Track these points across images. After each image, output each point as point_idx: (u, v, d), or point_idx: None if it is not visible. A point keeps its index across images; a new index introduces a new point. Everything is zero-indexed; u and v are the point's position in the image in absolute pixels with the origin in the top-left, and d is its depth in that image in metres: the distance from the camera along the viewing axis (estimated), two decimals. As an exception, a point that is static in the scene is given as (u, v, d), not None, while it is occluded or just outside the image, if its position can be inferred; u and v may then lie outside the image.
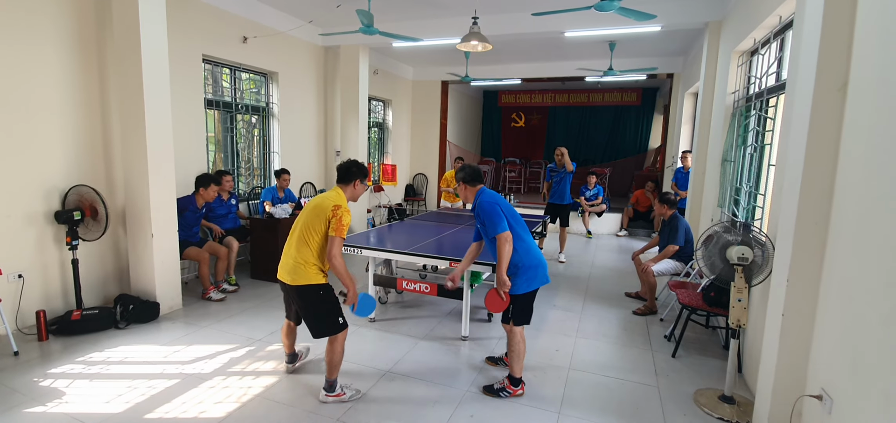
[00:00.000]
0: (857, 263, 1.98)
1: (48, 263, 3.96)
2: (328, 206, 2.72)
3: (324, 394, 2.88)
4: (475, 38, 4.86)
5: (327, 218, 2.71)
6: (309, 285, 2.75)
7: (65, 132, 4.01)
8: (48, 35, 3.85)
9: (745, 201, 4.07)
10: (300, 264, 2.75)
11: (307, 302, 2.80)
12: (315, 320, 2.82)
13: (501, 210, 2.87)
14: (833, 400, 2.07)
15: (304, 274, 2.74)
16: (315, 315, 2.82)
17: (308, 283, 2.75)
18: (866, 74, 2.02)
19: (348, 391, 2.93)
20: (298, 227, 2.80)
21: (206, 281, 4.66)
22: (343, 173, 2.88)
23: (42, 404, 2.78)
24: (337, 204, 2.72)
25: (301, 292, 2.77)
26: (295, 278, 2.76)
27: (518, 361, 3.01)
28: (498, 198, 2.97)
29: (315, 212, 2.75)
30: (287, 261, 2.81)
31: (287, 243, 2.86)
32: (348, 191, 2.88)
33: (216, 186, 4.84)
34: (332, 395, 2.88)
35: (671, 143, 9.09)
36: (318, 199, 2.81)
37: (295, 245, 2.78)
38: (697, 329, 4.14)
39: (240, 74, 6.18)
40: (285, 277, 2.81)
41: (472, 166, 3.10)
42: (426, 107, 10.83)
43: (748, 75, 4.49)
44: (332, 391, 2.88)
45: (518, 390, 3.03)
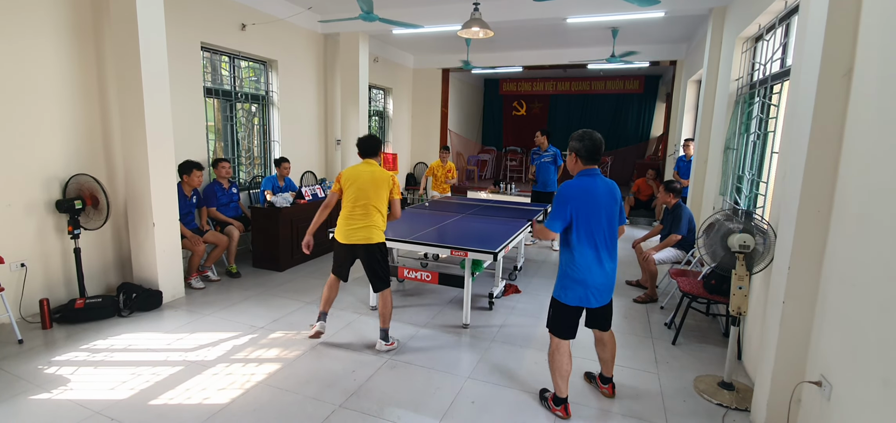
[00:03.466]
0: (859, 250, 1.97)
1: (50, 252, 3.97)
2: (386, 177, 3.35)
3: (382, 344, 3.43)
4: (476, 25, 4.82)
5: (390, 187, 3.37)
6: (381, 243, 3.38)
7: (64, 121, 4.00)
8: (46, 23, 3.82)
9: (747, 189, 4.05)
10: (374, 227, 3.32)
11: (379, 258, 3.37)
12: (380, 272, 3.38)
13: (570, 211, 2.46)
14: (832, 386, 2.08)
15: (378, 235, 3.35)
16: (381, 269, 3.38)
17: (381, 241, 3.38)
18: (872, 60, 2.00)
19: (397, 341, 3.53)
20: (361, 199, 3.29)
21: (194, 268, 4.68)
22: (371, 148, 3.41)
23: (47, 391, 2.80)
24: (392, 174, 3.40)
25: (374, 249, 3.34)
26: (370, 237, 3.31)
27: (554, 374, 2.66)
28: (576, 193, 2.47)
29: (376, 185, 3.32)
30: (359, 227, 3.30)
31: (349, 214, 3.32)
32: (378, 160, 3.44)
33: (199, 172, 4.82)
34: (389, 344, 3.43)
35: (673, 131, 9.05)
36: (366, 174, 3.32)
37: (363, 214, 3.30)
38: (698, 317, 4.15)
39: (239, 62, 6.14)
40: (360, 239, 3.30)
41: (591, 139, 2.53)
42: (427, 95, 10.77)
43: (752, 62, 4.45)
44: (388, 341, 3.43)
45: (558, 410, 2.67)
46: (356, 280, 5.05)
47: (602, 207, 2.49)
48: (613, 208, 2.56)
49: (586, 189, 2.49)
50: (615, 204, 2.57)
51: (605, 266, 2.53)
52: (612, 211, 2.54)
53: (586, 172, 2.54)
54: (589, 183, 2.51)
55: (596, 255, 2.49)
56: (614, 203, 2.56)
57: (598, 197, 2.49)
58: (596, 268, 2.50)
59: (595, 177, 2.53)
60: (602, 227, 2.49)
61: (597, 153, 2.53)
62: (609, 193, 2.55)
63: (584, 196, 2.47)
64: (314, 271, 5.39)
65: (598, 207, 2.48)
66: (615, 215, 2.58)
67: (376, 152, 3.43)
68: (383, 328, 3.44)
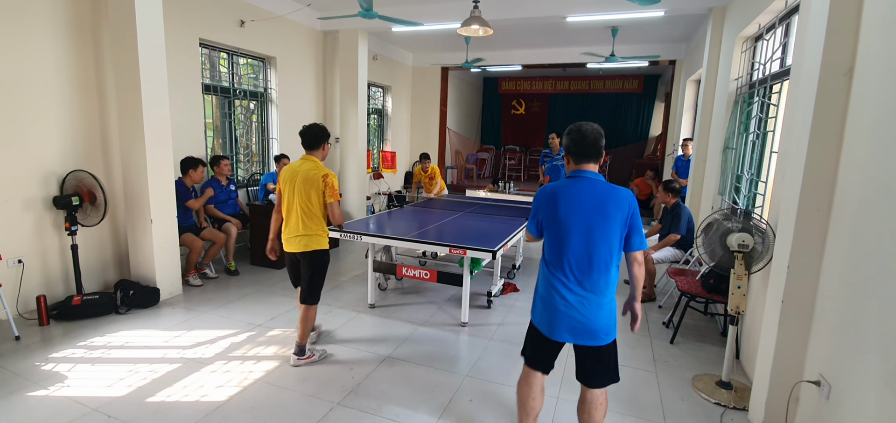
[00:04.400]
0: (858, 250, 1.97)
1: (48, 248, 3.95)
2: (317, 177, 2.96)
3: (294, 359, 3.13)
4: (476, 23, 4.80)
5: (320, 189, 2.97)
6: (319, 250, 3.06)
7: (61, 118, 3.98)
8: (44, 19, 3.80)
9: (746, 189, 4.05)
10: (312, 236, 3.02)
11: (314, 267, 3.07)
12: (311, 283, 3.09)
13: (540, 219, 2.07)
14: (831, 386, 2.08)
15: (316, 241, 3.04)
16: (313, 279, 3.08)
17: (319, 248, 3.06)
18: (873, 59, 2.00)
19: (317, 352, 3.24)
20: (296, 201, 2.99)
21: (191, 265, 4.67)
22: (312, 139, 3.03)
23: (44, 388, 2.79)
24: (324, 174, 2.98)
25: (312, 256, 3.05)
26: (308, 245, 3.02)
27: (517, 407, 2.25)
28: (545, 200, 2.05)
29: (307, 185, 2.97)
30: (297, 234, 3.02)
31: (286, 220, 3.07)
32: (319, 154, 3.07)
33: (203, 167, 4.85)
34: (304, 358, 3.15)
35: (672, 130, 9.05)
36: (300, 173, 2.98)
37: (300, 220, 3.00)
38: (696, 316, 4.16)
39: (237, 58, 6.12)
40: (298, 247, 3.03)
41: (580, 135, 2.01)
42: (426, 93, 10.76)
43: (752, 61, 4.45)
44: (303, 355, 3.15)
45: None
46: (355, 278, 5.04)
47: (580, 217, 1.93)
48: (605, 223, 1.92)
49: (559, 195, 1.98)
50: (608, 220, 1.92)
51: (581, 295, 1.96)
52: (600, 225, 1.92)
53: (574, 173, 2.02)
54: (567, 188, 1.98)
55: (563, 279, 1.98)
56: (605, 216, 1.92)
57: (577, 205, 1.94)
58: (564, 293, 1.98)
59: (580, 180, 1.98)
60: (574, 245, 1.94)
61: (589, 149, 1.98)
62: (598, 204, 1.93)
63: (552, 205, 2.00)
64: (312, 268, 5.38)
65: (575, 217, 1.93)
66: (609, 232, 1.93)
67: (317, 145, 3.02)
68: (299, 343, 3.12)
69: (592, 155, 2.00)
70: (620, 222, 1.94)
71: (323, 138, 3.05)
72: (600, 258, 1.94)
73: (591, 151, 1.99)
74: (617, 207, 1.93)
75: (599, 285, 1.96)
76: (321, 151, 3.07)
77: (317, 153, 3.05)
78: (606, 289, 1.98)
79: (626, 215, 1.94)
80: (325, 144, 3.08)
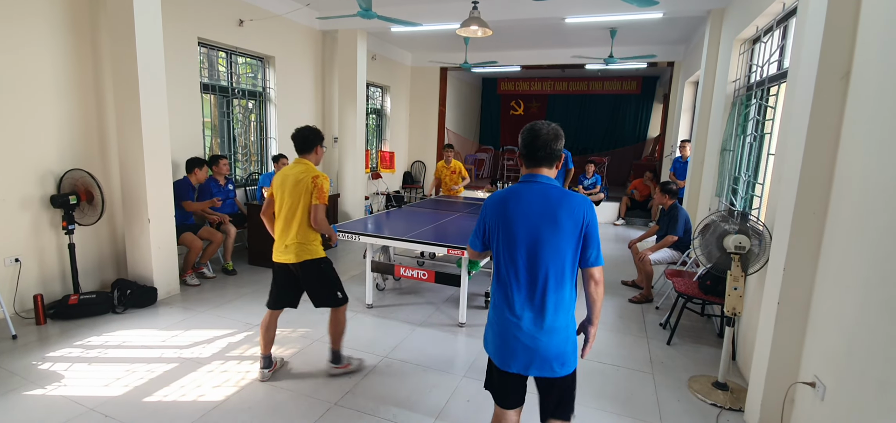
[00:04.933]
0: (854, 252, 1.98)
1: (45, 247, 3.94)
2: (307, 179, 2.76)
3: (331, 366, 3.05)
4: (475, 23, 4.81)
5: (310, 190, 2.76)
6: (312, 259, 2.85)
7: (59, 116, 3.97)
8: (42, 17, 3.79)
9: (743, 191, 4.07)
10: (303, 243, 2.82)
11: (312, 276, 2.89)
12: (319, 290, 2.92)
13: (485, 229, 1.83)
14: (826, 387, 2.09)
15: (308, 250, 2.83)
16: (318, 289, 2.91)
17: (311, 257, 2.85)
18: (870, 63, 2.01)
19: (354, 362, 3.12)
20: (285, 206, 2.81)
21: (190, 264, 4.67)
22: (303, 143, 2.84)
23: (41, 387, 2.79)
24: (314, 175, 2.78)
25: (305, 267, 2.85)
26: (299, 255, 2.82)
27: None
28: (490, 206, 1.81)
29: (297, 189, 2.77)
30: (287, 243, 2.82)
31: (278, 227, 2.87)
32: (312, 158, 2.88)
33: (206, 167, 4.87)
34: (340, 367, 3.05)
35: (670, 132, 9.07)
36: (291, 176, 2.80)
37: (288, 225, 2.81)
38: (693, 317, 4.17)
39: (236, 58, 6.11)
40: (289, 257, 2.82)
41: None
42: (425, 93, 10.76)
43: (750, 64, 4.46)
44: (339, 363, 3.05)
45: None
46: (353, 278, 5.04)
47: (527, 228, 1.69)
48: (555, 234, 1.66)
49: (505, 202, 1.74)
50: (559, 230, 1.66)
51: (530, 317, 1.71)
52: (550, 236, 1.67)
53: (526, 177, 1.77)
54: (516, 194, 1.74)
55: (509, 300, 1.73)
56: (555, 226, 1.66)
57: (524, 214, 1.70)
58: (509, 317, 1.73)
59: (531, 185, 1.74)
60: (521, 258, 1.70)
61: (541, 151, 1.72)
62: (549, 212, 1.67)
63: (500, 211, 1.75)
64: (310, 268, 5.37)
65: (521, 227, 1.70)
66: (561, 244, 1.67)
67: (309, 148, 2.84)
68: (333, 349, 3.03)
69: (546, 159, 1.74)
70: (574, 232, 1.67)
71: (315, 141, 2.85)
72: (550, 274, 1.68)
73: (544, 154, 1.73)
74: (569, 215, 1.67)
75: (549, 306, 1.69)
76: (314, 154, 2.87)
77: (310, 157, 2.86)
78: (559, 310, 1.70)
79: (580, 226, 1.67)
80: (317, 147, 2.88)
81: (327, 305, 2.93)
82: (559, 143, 1.74)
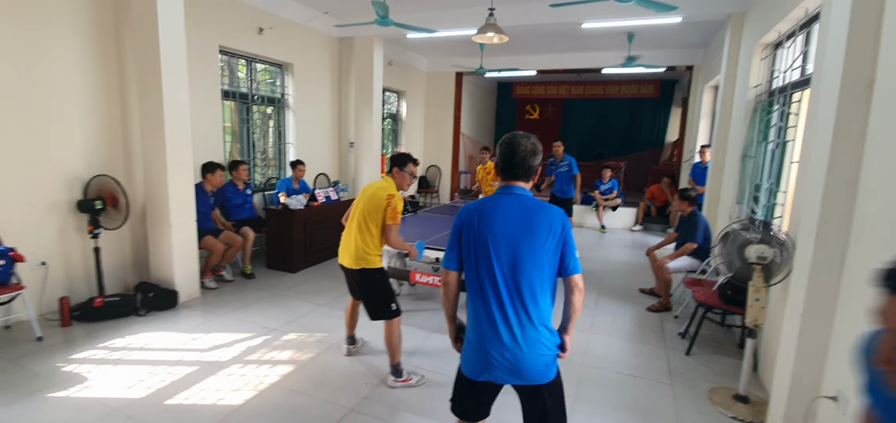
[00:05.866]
0: (879, 263, 1.93)
1: (70, 251, 4.06)
2: (382, 195, 2.93)
3: (392, 379, 3.06)
4: (491, 30, 4.82)
5: (383, 207, 2.92)
6: (368, 268, 2.98)
7: (86, 123, 4.10)
8: (68, 26, 3.92)
9: (764, 199, 3.99)
10: (361, 250, 2.96)
11: (366, 285, 3.02)
12: (372, 302, 3.03)
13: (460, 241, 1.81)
14: (849, 402, 2.03)
15: (365, 259, 2.96)
16: (372, 298, 3.03)
17: (368, 267, 2.97)
18: (893, 71, 1.96)
19: (415, 377, 3.11)
20: (356, 215, 2.99)
21: (209, 268, 4.76)
22: (397, 158, 3.07)
23: (65, 388, 2.86)
24: (390, 194, 2.94)
25: (361, 275, 2.99)
26: (357, 262, 2.97)
27: None
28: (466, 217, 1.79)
29: (372, 202, 2.95)
30: (349, 247, 3.00)
31: (347, 230, 3.06)
32: (398, 178, 3.06)
33: (222, 171, 4.95)
34: (401, 380, 3.05)
35: (689, 137, 8.93)
36: (372, 188, 3.01)
37: (355, 232, 2.97)
38: (712, 327, 4.09)
39: (256, 65, 6.23)
40: (347, 261, 3.01)
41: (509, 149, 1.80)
42: (440, 98, 10.79)
43: (771, 69, 4.38)
44: (400, 377, 3.05)
45: None
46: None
47: (505, 238, 1.70)
48: (532, 244, 1.69)
49: (483, 213, 1.75)
50: (536, 239, 1.69)
51: (510, 327, 1.70)
52: (528, 246, 1.69)
53: (503, 189, 1.80)
54: (491, 204, 1.76)
55: (488, 310, 1.73)
56: (532, 236, 1.69)
57: (501, 224, 1.72)
58: (489, 327, 1.73)
59: (505, 196, 1.77)
60: (501, 267, 1.70)
61: (518, 167, 1.76)
62: (525, 222, 1.71)
63: (478, 220, 1.75)
64: (326, 273, 5.43)
65: (499, 237, 1.71)
66: (539, 254, 1.69)
67: (400, 164, 3.05)
68: (392, 363, 3.06)
69: (522, 173, 1.77)
70: (551, 242, 1.70)
71: (407, 159, 3.06)
72: (530, 282, 1.70)
73: (521, 170, 1.77)
74: (546, 225, 1.70)
75: (531, 316, 1.71)
76: (404, 171, 3.04)
77: (398, 175, 3.05)
78: (540, 319, 1.72)
79: (557, 235, 1.71)
80: (410, 164, 3.06)
81: (381, 317, 3.00)
82: (536, 158, 1.79)
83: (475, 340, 1.78)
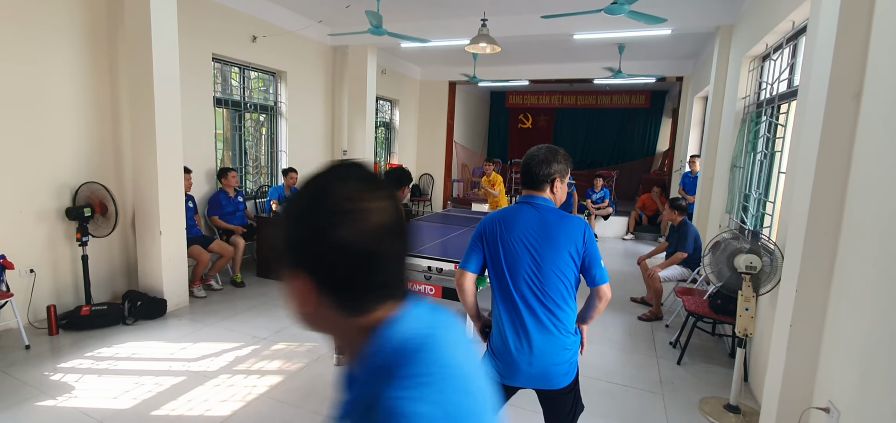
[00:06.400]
0: (868, 275, 1.95)
1: (59, 258, 4.01)
2: None
3: None
4: (484, 40, 4.86)
5: None
6: None
7: (76, 129, 4.06)
8: (61, 33, 3.89)
9: (753, 208, 4.03)
10: None
11: None
12: None
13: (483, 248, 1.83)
14: (840, 413, 2.04)
15: None
16: None
17: None
18: (881, 83, 2.00)
19: None
20: None
21: (197, 277, 4.71)
22: (396, 181, 3.13)
23: (52, 398, 2.81)
24: None
25: None
26: None
27: None
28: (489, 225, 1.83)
29: None
30: None
31: None
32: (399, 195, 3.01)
33: (188, 174, 4.84)
34: None
35: (679, 147, 9.03)
36: None
37: None
38: (703, 337, 4.11)
39: (249, 73, 6.21)
40: None
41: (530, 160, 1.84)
42: (433, 107, 10.83)
43: (759, 81, 4.44)
44: None
45: None
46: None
47: (528, 248, 1.74)
48: (556, 253, 1.73)
49: (507, 221, 1.79)
50: (557, 250, 1.73)
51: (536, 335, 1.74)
52: (551, 256, 1.73)
53: (524, 198, 1.84)
54: (517, 213, 1.79)
55: (516, 315, 1.75)
56: (554, 246, 1.73)
57: (525, 233, 1.75)
58: (515, 336, 1.75)
59: (527, 207, 1.80)
60: (526, 276, 1.74)
61: (532, 174, 1.81)
62: (547, 232, 1.74)
63: (500, 230, 1.78)
64: (318, 281, 5.38)
65: (523, 247, 1.75)
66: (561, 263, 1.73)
67: (398, 186, 3.07)
68: None
69: (539, 181, 1.80)
70: (573, 253, 1.74)
71: (405, 181, 3.17)
72: (555, 291, 1.74)
73: (535, 179, 1.80)
74: (567, 237, 1.73)
75: (557, 323, 1.75)
76: (401, 192, 3.19)
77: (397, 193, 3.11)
78: (565, 326, 1.77)
79: (580, 246, 1.75)
80: (405, 188, 3.18)
81: None
82: (552, 166, 1.79)
83: (502, 347, 1.80)
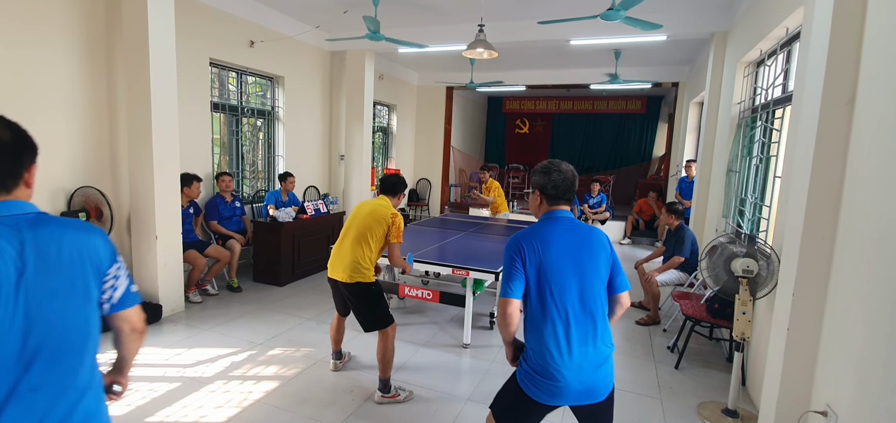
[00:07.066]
0: (864, 278, 1.96)
1: (53, 263, 3.97)
2: (386, 214, 2.97)
3: (379, 395, 2.99)
4: (481, 46, 4.87)
5: (387, 224, 2.96)
6: (363, 282, 2.95)
7: (72, 134, 4.04)
8: (58, 37, 3.88)
9: (749, 213, 4.04)
10: (357, 264, 2.92)
11: (360, 298, 2.98)
12: (367, 314, 3.00)
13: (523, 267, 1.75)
14: (838, 416, 2.04)
15: (360, 273, 2.93)
16: (367, 310, 2.99)
17: (362, 280, 2.94)
18: (874, 89, 2.01)
19: (403, 393, 3.05)
20: (353, 229, 2.98)
21: (193, 281, 4.68)
22: (391, 187, 3.13)
23: (44, 405, 2.78)
24: (394, 212, 3.01)
25: (355, 288, 2.96)
26: (351, 276, 2.93)
27: None
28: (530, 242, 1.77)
29: (373, 218, 2.97)
30: (343, 260, 2.96)
31: (339, 244, 3.03)
32: (394, 200, 3.13)
33: (198, 183, 4.88)
34: (388, 396, 2.98)
35: (675, 151, 9.07)
36: (372, 206, 3.04)
37: (351, 246, 2.95)
38: (701, 341, 4.11)
39: (246, 77, 6.21)
40: (340, 275, 2.96)
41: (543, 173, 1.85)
42: (430, 112, 10.85)
43: (754, 86, 4.47)
44: (387, 392, 2.98)
45: None
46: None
47: (571, 262, 1.74)
48: (595, 264, 1.76)
49: (546, 237, 1.77)
50: (595, 258, 1.77)
51: (584, 350, 1.71)
52: (592, 267, 1.75)
53: (551, 214, 1.83)
54: (552, 229, 1.79)
55: (563, 332, 1.71)
56: (594, 257, 1.76)
57: (564, 248, 1.75)
58: (563, 354, 1.70)
59: (560, 221, 1.81)
60: (571, 291, 1.72)
61: (567, 190, 1.82)
62: (584, 243, 1.77)
63: (541, 246, 1.75)
64: (314, 286, 5.37)
65: (565, 262, 1.74)
66: (601, 274, 1.77)
67: (393, 193, 3.12)
68: (382, 378, 2.99)
69: (572, 194, 1.85)
70: (606, 261, 1.79)
71: (401, 188, 3.17)
72: (597, 303, 1.75)
73: (571, 192, 1.84)
74: (601, 246, 1.79)
75: (602, 335, 1.75)
76: (397, 199, 3.14)
77: (392, 199, 3.12)
78: (608, 337, 1.78)
79: (608, 255, 1.80)
80: (401, 194, 3.17)
81: (377, 327, 2.97)
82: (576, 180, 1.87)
83: (545, 368, 1.72)
